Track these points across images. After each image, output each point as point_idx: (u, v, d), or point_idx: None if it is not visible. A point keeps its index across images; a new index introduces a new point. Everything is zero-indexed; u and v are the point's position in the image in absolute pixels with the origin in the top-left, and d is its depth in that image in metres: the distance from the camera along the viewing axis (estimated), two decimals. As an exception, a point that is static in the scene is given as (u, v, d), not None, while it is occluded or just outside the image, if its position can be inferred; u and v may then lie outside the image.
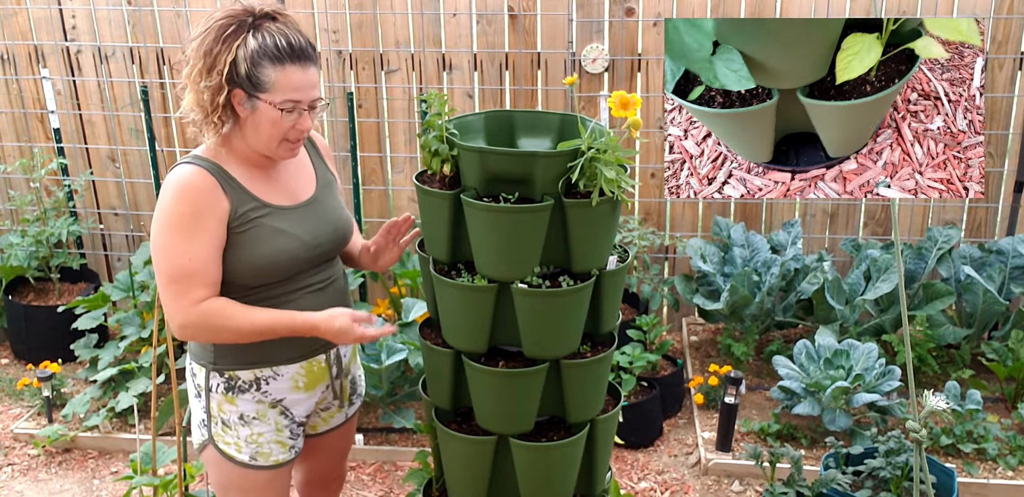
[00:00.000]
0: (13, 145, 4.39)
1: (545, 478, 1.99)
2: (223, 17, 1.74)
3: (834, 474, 2.56)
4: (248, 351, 1.88)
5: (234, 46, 1.71)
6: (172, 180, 1.78)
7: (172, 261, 1.76)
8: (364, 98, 4.11)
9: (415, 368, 3.33)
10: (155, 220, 1.79)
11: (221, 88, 1.72)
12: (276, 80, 1.73)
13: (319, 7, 4.00)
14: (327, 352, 2.00)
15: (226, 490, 2.01)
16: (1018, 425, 3.35)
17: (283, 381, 1.93)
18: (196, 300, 1.77)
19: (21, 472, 3.34)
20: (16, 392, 3.83)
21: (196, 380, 1.96)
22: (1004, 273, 3.65)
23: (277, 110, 1.75)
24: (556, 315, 1.84)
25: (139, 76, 4.20)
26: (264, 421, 1.94)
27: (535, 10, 3.93)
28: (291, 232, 1.85)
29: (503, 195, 1.81)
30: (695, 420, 3.50)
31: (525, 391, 1.91)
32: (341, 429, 2.19)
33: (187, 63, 1.75)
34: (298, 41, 1.76)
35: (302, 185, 1.94)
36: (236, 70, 1.72)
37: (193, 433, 2.02)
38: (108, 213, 4.44)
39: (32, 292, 4.26)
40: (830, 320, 3.65)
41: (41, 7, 4.16)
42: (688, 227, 4.20)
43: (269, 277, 1.85)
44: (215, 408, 1.94)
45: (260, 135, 1.80)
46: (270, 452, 1.96)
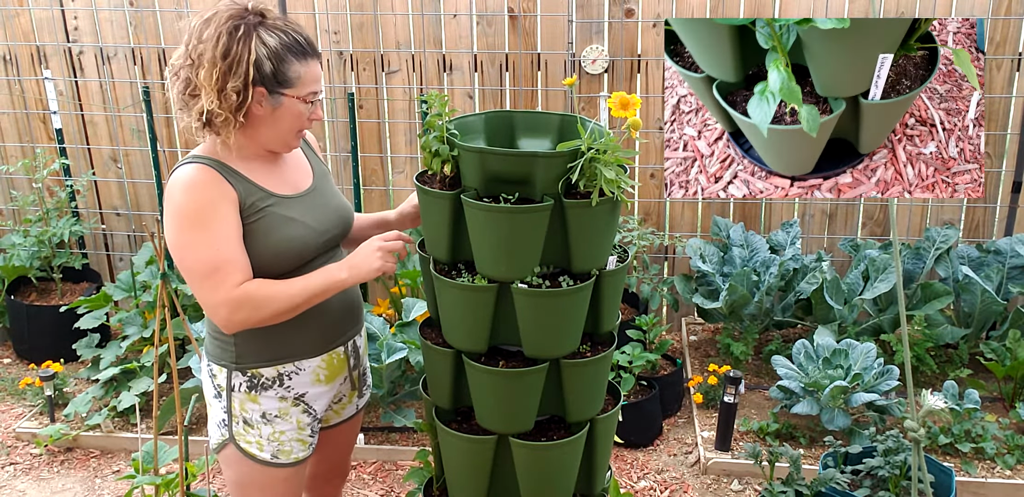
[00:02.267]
0: (15, 145, 4.40)
1: (545, 477, 2.00)
2: (228, 18, 1.75)
3: (833, 473, 2.57)
4: (270, 347, 1.92)
5: (252, 46, 1.73)
6: (177, 180, 1.80)
7: (199, 256, 1.77)
8: (365, 99, 4.12)
9: (416, 367, 3.34)
10: (169, 221, 1.79)
11: (246, 87, 1.75)
12: (302, 74, 1.79)
13: (320, 8, 4.02)
14: (344, 344, 2.04)
15: (244, 488, 2.03)
16: (1016, 424, 3.36)
17: (305, 375, 1.97)
18: (235, 284, 1.78)
19: (23, 471, 3.35)
20: (18, 391, 3.84)
21: (216, 381, 1.97)
22: (1002, 273, 3.66)
23: (303, 103, 1.81)
24: (556, 315, 1.85)
25: (141, 77, 4.22)
26: (286, 420, 1.97)
27: (535, 11, 3.94)
28: (300, 220, 1.88)
29: (503, 195, 1.82)
30: (694, 419, 3.52)
31: (525, 390, 1.92)
32: (351, 421, 2.23)
33: (199, 66, 1.74)
34: (304, 36, 1.83)
35: (301, 176, 1.98)
36: (260, 69, 1.75)
37: (211, 434, 2.03)
38: (110, 213, 4.46)
39: (34, 292, 4.27)
40: (829, 320, 3.67)
41: (43, 8, 4.17)
42: (687, 227, 4.21)
43: (284, 266, 1.87)
44: (237, 407, 1.95)
45: (279, 129, 1.84)
46: (291, 450, 1.99)
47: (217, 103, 1.75)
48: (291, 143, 1.89)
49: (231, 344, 1.93)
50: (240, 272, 1.78)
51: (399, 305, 3.83)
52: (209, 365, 1.99)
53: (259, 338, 1.91)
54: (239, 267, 1.78)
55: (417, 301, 3.55)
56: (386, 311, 3.89)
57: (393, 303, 3.89)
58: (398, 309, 3.84)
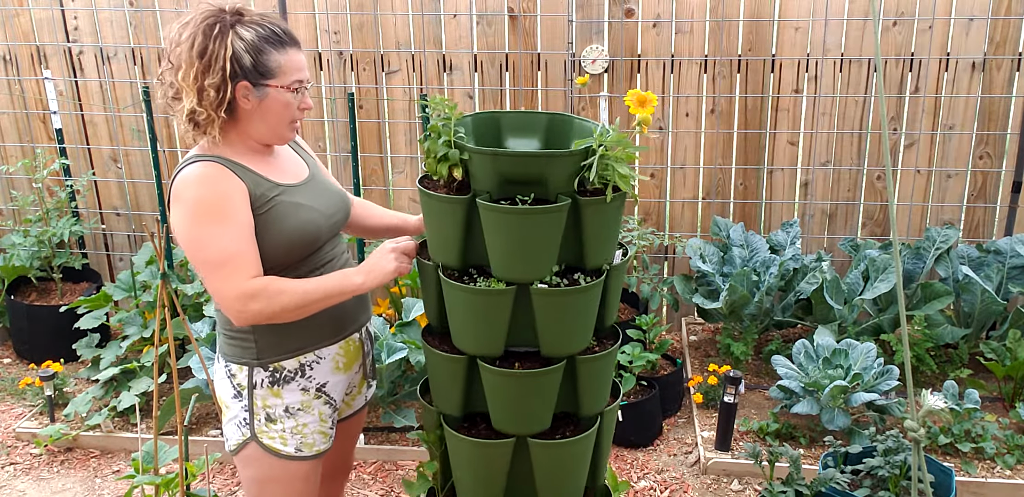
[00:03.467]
0: (15, 145, 4.40)
1: (563, 474, 1.99)
2: (204, 18, 1.79)
3: (833, 473, 2.57)
4: (290, 338, 1.95)
5: (228, 42, 1.77)
6: (188, 176, 1.82)
7: (213, 248, 1.79)
8: (365, 99, 4.13)
9: (416, 367, 3.34)
10: (179, 218, 1.80)
11: (225, 83, 1.78)
12: (283, 63, 1.82)
13: (320, 8, 4.02)
14: (359, 331, 2.09)
15: (265, 485, 2.04)
16: (1016, 424, 3.36)
17: (325, 364, 2.01)
18: (248, 276, 1.80)
19: (23, 471, 3.35)
20: (18, 391, 3.84)
21: (236, 380, 1.98)
22: (1002, 273, 3.66)
23: (288, 92, 1.84)
24: (574, 312, 1.85)
25: (141, 77, 4.22)
26: (309, 412, 2.00)
27: (535, 11, 3.94)
28: (308, 205, 1.92)
29: (519, 197, 1.82)
30: (694, 419, 3.52)
31: (543, 390, 1.91)
32: (358, 414, 2.27)
33: (179, 68, 1.78)
34: (282, 27, 1.86)
35: (298, 166, 2.02)
36: (239, 63, 1.78)
37: (228, 435, 2.03)
38: (110, 213, 4.46)
39: (34, 292, 4.27)
40: (829, 320, 3.67)
41: (43, 8, 4.17)
42: (687, 227, 4.21)
43: (299, 252, 1.90)
44: (259, 404, 1.97)
45: (269, 121, 1.87)
46: (313, 442, 2.02)
47: (197, 101, 1.78)
48: (285, 135, 1.92)
49: (251, 341, 1.94)
50: (252, 264, 1.82)
51: (399, 305, 3.83)
52: (227, 365, 1.99)
53: (278, 331, 1.93)
54: (251, 259, 1.82)
55: (417, 301, 3.55)
56: (386, 311, 3.89)
57: (393, 303, 3.89)
58: (398, 309, 3.84)
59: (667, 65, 4.00)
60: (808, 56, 3.92)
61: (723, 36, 3.92)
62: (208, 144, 1.88)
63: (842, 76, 3.92)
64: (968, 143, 3.93)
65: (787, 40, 3.91)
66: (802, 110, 4.00)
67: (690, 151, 4.12)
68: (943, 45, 3.83)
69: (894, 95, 3.91)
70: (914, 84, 3.89)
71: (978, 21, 3.77)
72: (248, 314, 1.81)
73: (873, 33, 3.79)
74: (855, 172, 4.04)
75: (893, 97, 3.91)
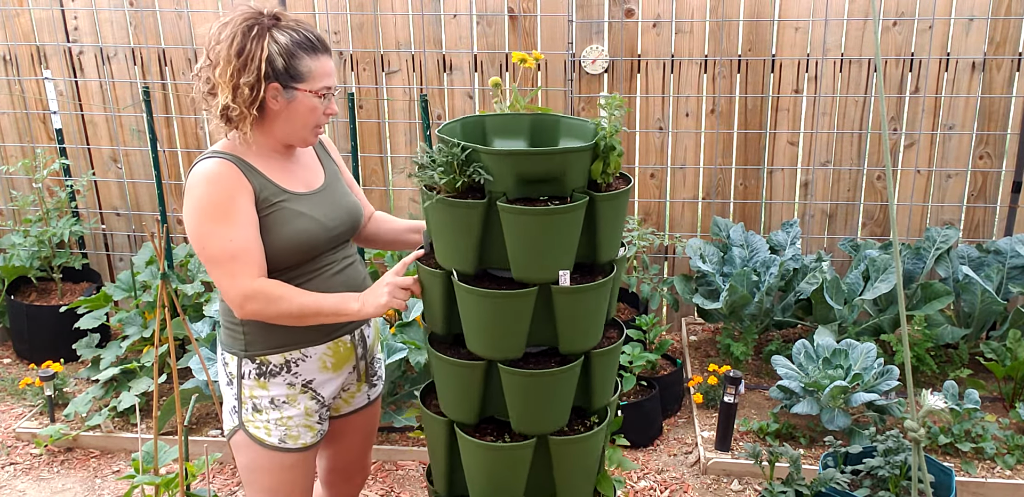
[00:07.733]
0: (15, 145, 4.40)
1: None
2: (243, 20, 1.87)
3: (833, 473, 2.57)
4: (276, 335, 2.00)
5: (264, 44, 1.85)
6: (198, 173, 1.89)
7: (219, 245, 1.86)
8: (365, 99, 4.13)
9: (415, 367, 3.34)
10: (190, 213, 1.88)
11: (259, 82, 1.85)
12: (313, 69, 1.89)
13: (320, 8, 4.02)
14: (351, 333, 2.12)
15: (253, 473, 2.10)
16: (1016, 424, 3.36)
17: (312, 362, 2.05)
18: (252, 275, 1.88)
19: (23, 471, 3.35)
20: (18, 391, 3.85)
21: (228, 369, 2.06)
22: (1002, 273, 3.67)
23: (315, 97, 1.90)
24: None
25: (141, 77, 4.22)
26: (294, 405, 2.04)
27: (535, 11, 3.94)
28: (310, 215, 1.97)
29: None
30: (694, 419, 3.52)
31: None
32: (364, 412, 2.27)
33: (216, 64, 1.86)
34: (316, 34, 1.93)
35: (313, 175, 2.07)
36: (272, 65, 1.85)
37: (224, 421, 2.12)
38: (110, 213, 4.45)
39: (34, 292, 4.27)
40: (829, 320, 3.67)
41: (43, 8, 4.17)
42: (687, 227, 4.21)
43: (293, 258, 1.96)
44: (247, 394, 2.04)
45: (295, 124, 1.93)
46: (298, 435, 2.06)
47: (232, 98, 1.85)
48: (308, 138, 1.98)
49: (241, 333, 2.01)
50: (256, 262, 1.89)
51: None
52: (222, 354, 2.07)
53: (266, 327, 1.99)
54: (255, 257, 1.89)
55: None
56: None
57: (393, 303, 3.89)
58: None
59: (667, 65, 4.00)
60: (808, 56, 3.92)
61: (723, 36, 3.92)
62: (232, 141, 1.95)
63: (842, 76, 3.92)
64: (968, 143, 3.94)
65: (787, 40, 3.91)
66: (802, 110, 4.00)
67: (690, 151, 4.12)
68: (943, 45, 3.83)
69: (894, 95, 3.91)
70: (914, 84, 3.89)
71: (978, 21, 3.77)
72: (246, 312, 1.90)
73: (873, 33, 3.79)
74: (855, 172, 4.04)
75: (893, 97, 3.91)
